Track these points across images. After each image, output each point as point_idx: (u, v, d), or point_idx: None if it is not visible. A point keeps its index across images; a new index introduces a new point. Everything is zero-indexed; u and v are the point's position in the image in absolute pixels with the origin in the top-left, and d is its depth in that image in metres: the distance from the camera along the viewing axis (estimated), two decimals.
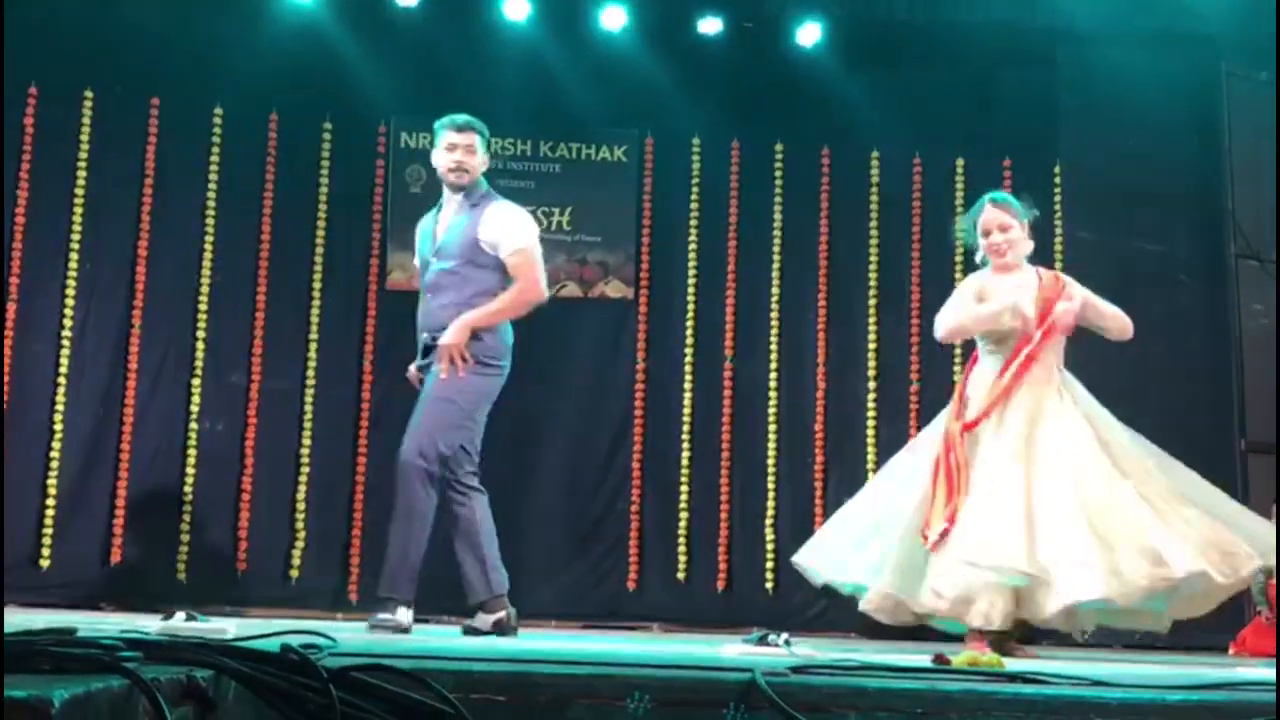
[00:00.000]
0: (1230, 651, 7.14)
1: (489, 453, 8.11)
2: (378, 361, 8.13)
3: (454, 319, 5.17)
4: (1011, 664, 3.08)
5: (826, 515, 8.17)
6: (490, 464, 8.02)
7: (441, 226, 5.40)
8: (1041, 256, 8.40)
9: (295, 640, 2.38)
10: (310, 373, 8.09)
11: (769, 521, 8.20)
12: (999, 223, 5.36)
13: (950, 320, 5.36)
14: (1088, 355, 8.04)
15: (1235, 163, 7.82)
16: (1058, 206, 8.34)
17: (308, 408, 8.06)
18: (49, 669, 1.69)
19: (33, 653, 1.71)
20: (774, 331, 8.41)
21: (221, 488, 7.90)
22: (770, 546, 8.17)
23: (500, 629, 5.17)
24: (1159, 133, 8.11)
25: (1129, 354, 7.97)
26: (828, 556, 5.34)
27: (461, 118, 5.35)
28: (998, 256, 5.36)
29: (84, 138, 8.00)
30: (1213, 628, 7.39)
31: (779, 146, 8.55)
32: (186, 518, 7.83)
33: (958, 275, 8.44)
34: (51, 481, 7.67)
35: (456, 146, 5.31)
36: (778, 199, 8.53)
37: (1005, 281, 5.36)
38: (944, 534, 4.90)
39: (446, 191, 5.42)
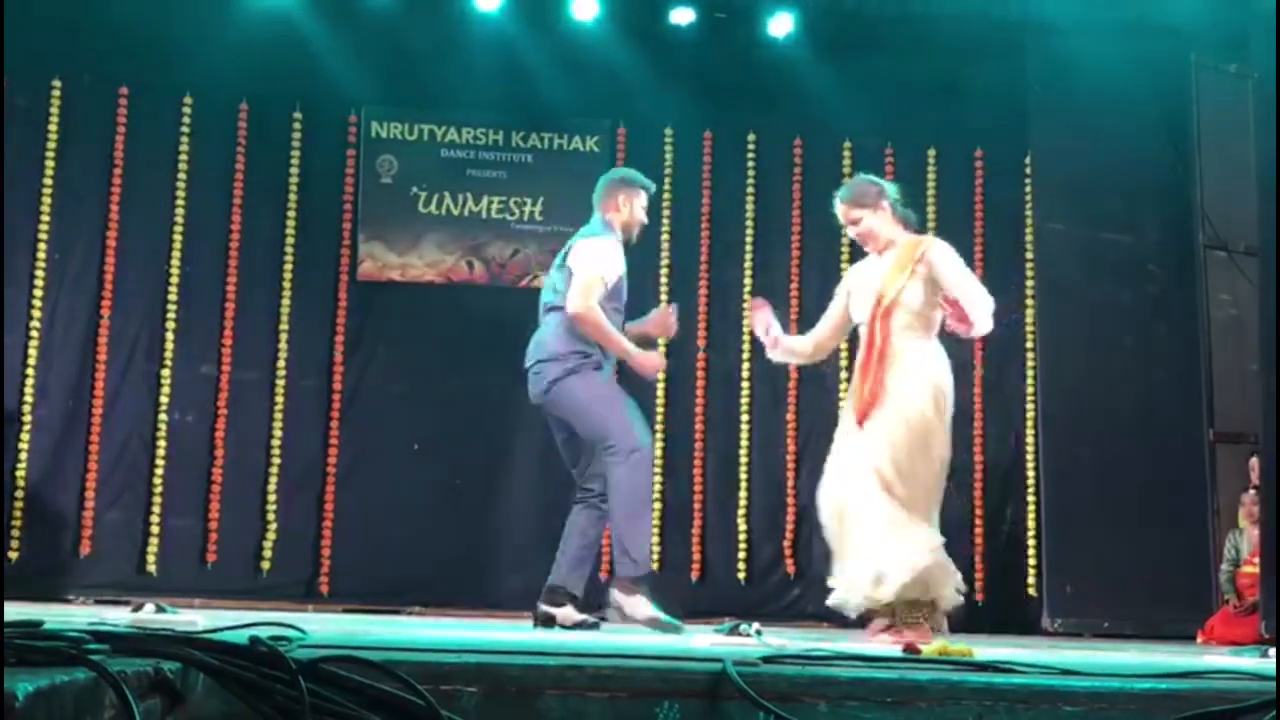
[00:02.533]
0: (1198, 640, 7.19)
1: (463, 443, 8.16)
2: (348, 352, 8.12)
3: None
4: (981, 653, 3.09)
5: (798, 506, 8.23)
6: (463, 455, 8.09)
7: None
8: (1012, 246, 8.49)
9: (264, 632, 2.38)
10: (280, 363, 8.06)
11: (741, 512, 8.21)
12: (846, 219, 5.37)
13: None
14: (1058, 345, 8.11)
15: (1204, 154, 7.86)
16: (1028, 196, 8.38)
17: (278, 398, 8.03)
18: (14, 662, 1.68)
19: (2, 646, 1.70)
20: (746, 322, 8.41)
21: (191, 479, 7.87)
22: (743, 537, 8.19)
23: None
24: (1128, 124, 8.15)
25: (1098, 344, 8.04)
26: None
27: None
28: (865, 246, 5.33)
29: (52, 127, 7.94)
30: (1181, 617, 7.48)
31: (751, 137, 8.55)
32: (156, 509, 7.79)
33: None
34: (20, 472, 7.62)
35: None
36: (750, 189, 8.53)
37: (866, 266, 5.35)
38: None
39: (622, 240, 5.76)
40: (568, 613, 5.28)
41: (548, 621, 5.28)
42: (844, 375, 8.35)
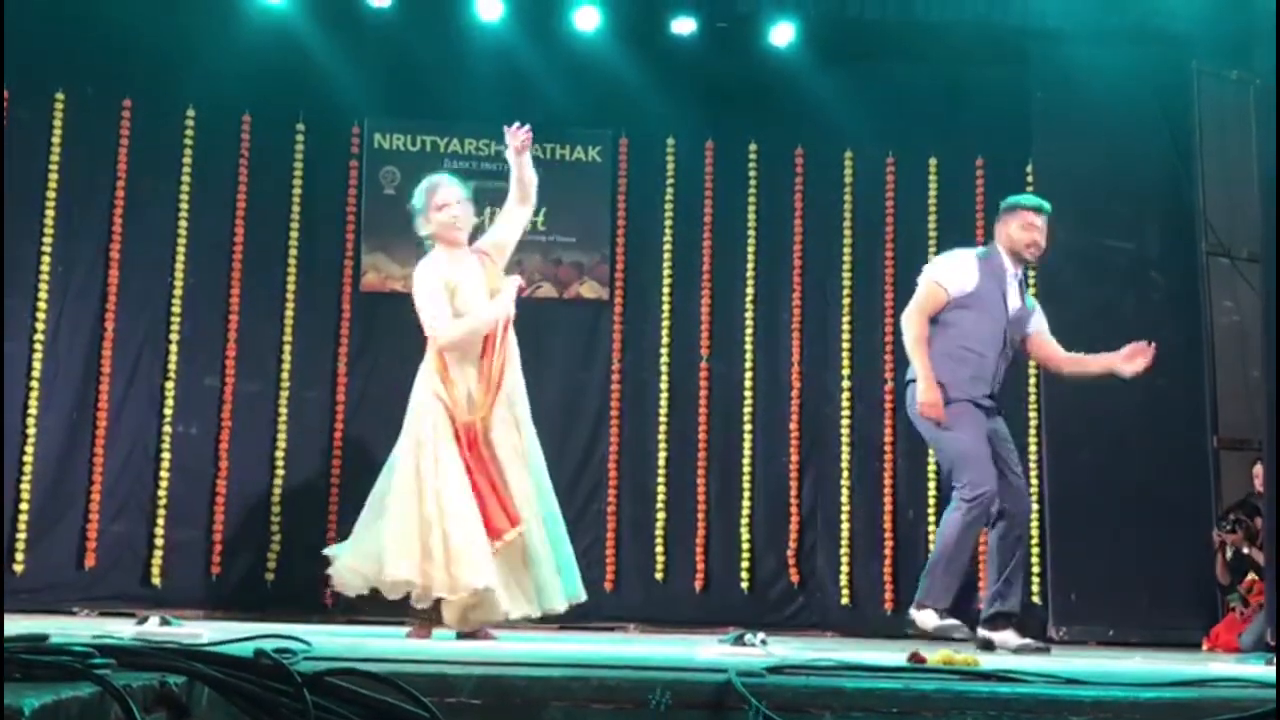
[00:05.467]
0: (1204, 647, 7.18)
1: None
2: (351, 363, 8.11)
3: None
4: (986, 662, 3.09)
5: (802, 514, 8.23)
6: None
7: (1014, 297, 5.75)
8: None
9: (269, 645, 2.38)
10: (284, 375, 8.06)
11: (745, 521, 8.20)
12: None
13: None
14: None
15: (1206, 160, 7.86)
16: None
17: (282, 410, 8.03)
18: (19, 676, 1.68)
19: (3, 660, 1.70)
20: (749, 331, 8.41)
21: (196, 491, 7.86)
22: (746, 546, 8.18)
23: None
24: (1130, 131, 8.15)
25: (1100, 351, 8.02)
26: None
27: (1046, 204, 5.79)
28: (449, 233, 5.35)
29: (55, 140, 7.95)
30: (1186, 624, 7.47)
31: (753, 146, 8.55)
32: (161, 521, 7.78)
33: None
34: (25, 485, 7.62)
35: (1035, 227, 5.70)
36: (752, 198, 8.53)
37: (458, 262, 5.35)
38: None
39: (1008, 263, 5.75)
40: (1006, 637, 5.31)
41: (987, 646, 5.30)
42: (846, 383, 8.36)
